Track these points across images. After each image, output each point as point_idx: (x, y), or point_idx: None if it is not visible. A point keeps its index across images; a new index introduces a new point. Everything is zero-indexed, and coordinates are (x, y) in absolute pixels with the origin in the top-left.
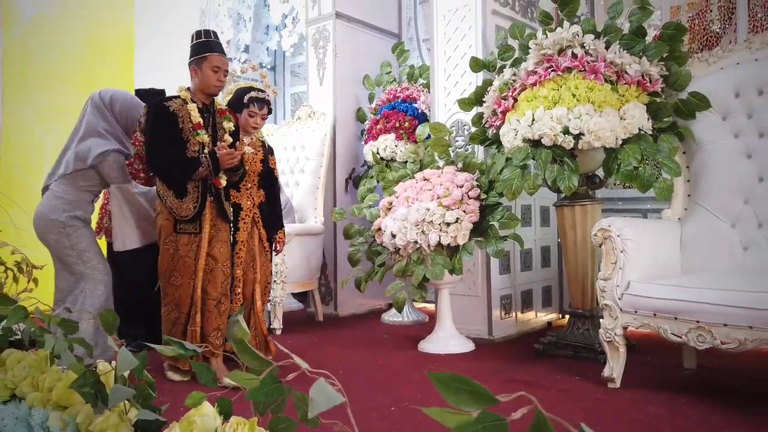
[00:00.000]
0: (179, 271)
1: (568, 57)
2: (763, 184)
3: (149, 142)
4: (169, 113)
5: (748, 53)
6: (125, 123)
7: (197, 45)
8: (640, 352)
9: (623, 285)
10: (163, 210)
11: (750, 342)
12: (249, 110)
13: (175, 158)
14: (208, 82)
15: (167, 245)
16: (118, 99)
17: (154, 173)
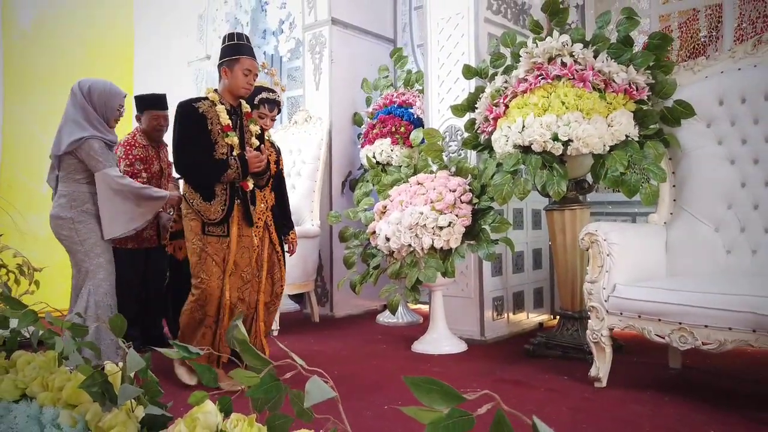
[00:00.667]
0: (206, 272)
1: (558, 65)
2: (745, 189)
3: (177, 144)
4: (198, 115)
5: (732, 62)
6: (104, 112)
7: (229, 47)
8: (628, 352)
9: (609, 287)
10: (190, 211)
11: (729, 343)
12: (260, 111)
13: (203, 160)
14: (237, 84)
15: (194, 245)
16: (96, 88)
17: (182, 175)
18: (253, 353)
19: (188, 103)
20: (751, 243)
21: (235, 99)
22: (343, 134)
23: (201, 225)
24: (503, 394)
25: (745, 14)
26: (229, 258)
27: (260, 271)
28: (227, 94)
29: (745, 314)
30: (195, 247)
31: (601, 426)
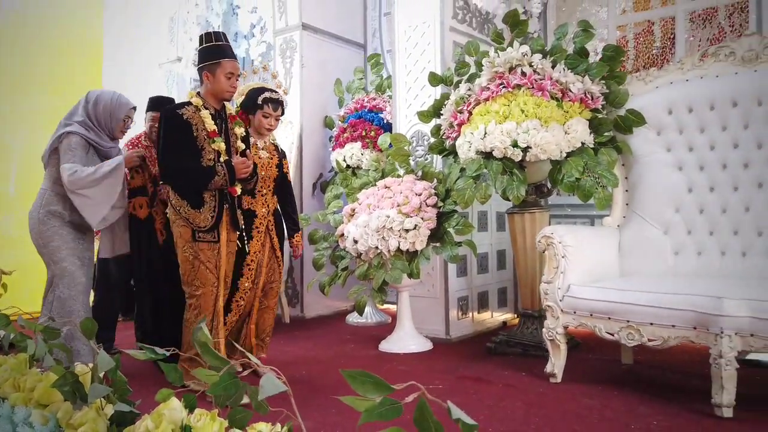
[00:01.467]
0: (200, 279)
1: (518, 75)
2: (691, 194)
3: (163, 151)
4: (183, 121)
5: (680, 74)
6: (108, 122)
7: (210, 49)
8: (584, 349)
9: (564, 288)
10: (178, 218)
11: (673, 339)
12: (263, 111)
13: (190, 168)
14: (221, 88)
15: (186, 253)
16: (103, 99)
17: (167, 183)
18: (212, 354)
19: (172, 109)
20: (697, 245)
21: (219, 102)
22: (314, 137)
23: (191, 232)
24: (464, 389)
25: (696, 27)
26: (221, 264)
27: (258, 277)
28: (211, 97)
29: (687, 312)
30: (187, 254)
31: (552, 419)
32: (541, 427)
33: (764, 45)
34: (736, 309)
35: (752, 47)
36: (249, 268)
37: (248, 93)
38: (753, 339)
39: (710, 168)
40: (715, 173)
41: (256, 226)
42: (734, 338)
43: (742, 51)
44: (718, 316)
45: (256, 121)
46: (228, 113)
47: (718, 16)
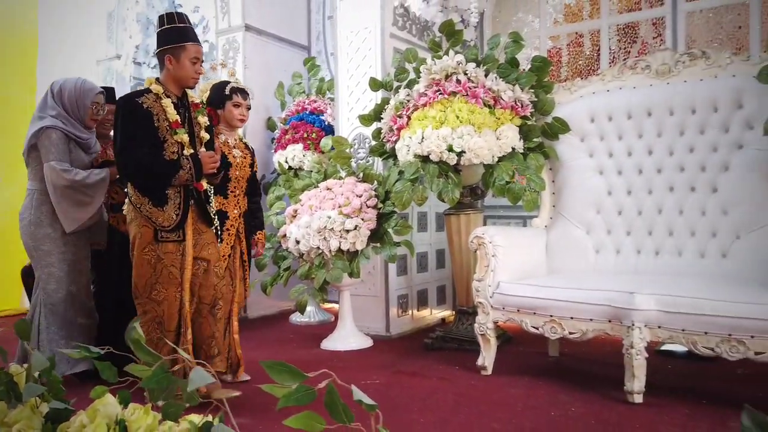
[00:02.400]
0: (163, 284)
1: (454, 82)
2: (611, 197)
3: (120, 144)
4: (143, 111)
5: (602, 84)
6: (75, 111)
7: (171, 31)
8: (516, 343)
9: (494, 285)
10: (137, 216)
11: (590, 332)
12: (233, 101)
13: (151, 162)
14: (186, 75)
15: (147, 255)
16: (67, 87)
17: (127, 179)
18: (145, 350)
19: (130, 97)
20: (615, 244)
21: (180, 89)
22: (257, 138)
23: (153, 232)
24: (399, 383)
25: (622, 40)
26: (186, 265)
27: (233, 279)
28: (172, 84)
29: (603, 307)
30: (148, 257)
31: (479, 408)
32: (468, 415)
33: (676, 60)
34: (645, 303)
35: (665, 61)
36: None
37: (213, 87)
38: (660, 330)
39: (627, 172)
40: (632, 177)
41: (227, 228)
42: (644, 330)
43: (656, 64)
44: (630, 309)
45: (226, 113)
46: (191, 101)
47: (640, 30)
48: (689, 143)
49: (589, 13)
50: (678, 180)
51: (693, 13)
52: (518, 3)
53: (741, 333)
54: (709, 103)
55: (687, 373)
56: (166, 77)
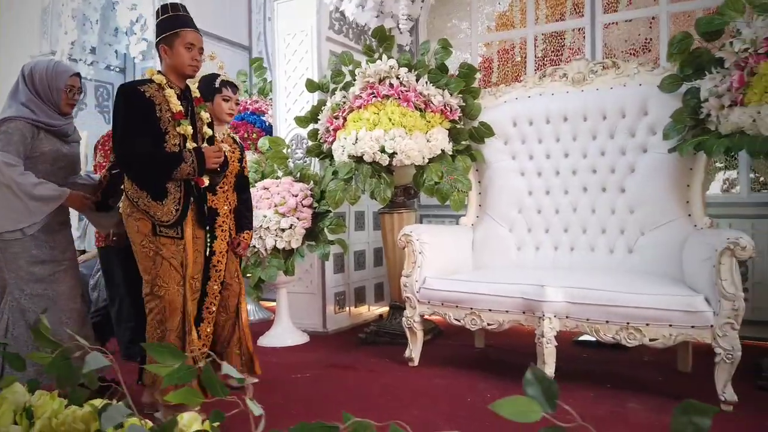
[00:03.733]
0: (163, 277)
1: (387, 86)
2: (531, 197)
3: (120, 134)
4: (146, 100)
5: (524, 90)
6: (48, 95)
7: (165, 20)
8: (446, 336)
9: (421, 280)
10: (134, 210)
11: (507, 323)
12: (222, 95)
13: (152, 153)
14: (182, 62)
15: (145, 249)
16: (38, 70)
17: (125, 171)
18: (46, 339)
19: (132, 86)
20: (535, 241)
21: (182, 80)
22: None
23: (151, 225)
24: (330, 376)
25: (550, 47)
26: (188, 262)
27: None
28: (172, 75)
29: (518, 299)
30: (147, 249)
31: (402, 397)
32: (391, 403)
33: (589, 69)
34: (554, 295)
35: (580, 70)
36: (216, 269)
37: (201, 80)
38: (568, 320)
39: (546, 174)
40: (550, 179)
41: (219, 225)
42: (553, 320)
43: (572, 73)
44: (541, 301)
45: (215, 106)
46: (193, 95)
47: (566, 39)
48: (600, 147)
49: (519, 22)
50: (591, 181)
51: (610, 24)
52: (452, 10)
53: (637, 321)
54: (618, 110)
55: (597, 360)
56: (165, 69)
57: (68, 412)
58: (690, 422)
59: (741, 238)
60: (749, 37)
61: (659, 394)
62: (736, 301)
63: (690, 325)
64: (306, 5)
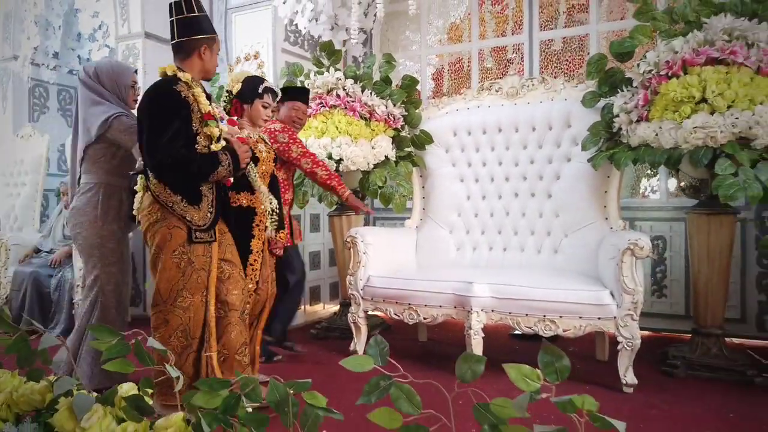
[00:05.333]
0: (189, 289)
1: (334, 96)
2: (469, 201)
3: (152, 135)
4: (181, 100)
5: (464, 102)
6: (117, 91)
7: (205, 20)
8: (392, 331)
9: (365, 279)
10: (167, 216)
11: (440, 317)
12: (263, 101)
13: (189, 156)
14: (213, 66)
15: (176, 258)
16: (102, 69)
17: (160, 174)
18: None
19: (167, 85)
20: (472, 242)
21: (202, 80)
22: None
23: (186, 232)
24: (276, 368)
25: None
26: (212, 267)
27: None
28: (197, 74)
29: (450, 295)
30: (177, 260)
31: (340, 384)
32: (329, 390)
33: (522, 84)
34: (481, 291)
35: (514, 85)
36: (253, 268)
37: (246, 81)
38: (493, 314)
39: (483, 180)
40: (486, 185)
41: (257, 224)
42: (480, 314)
43: (506, 87)
44: (469, 297)
45: (254, 110)
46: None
47: (507, 53)
48: (530, 156)
49: (467, 36)
50: (521, 187)
51: (546, 41)
52: (405, 23)
53: (552, 314)
54: (546, 122)
55: (527, 351)
56: (190, 66)
57: (27, 386)
58: (551, 362)
59: (640, 239)
60: (653, 60)
61: (575, 380)
62: (635, 295)
63: (597, 316)
64: (262, 18)
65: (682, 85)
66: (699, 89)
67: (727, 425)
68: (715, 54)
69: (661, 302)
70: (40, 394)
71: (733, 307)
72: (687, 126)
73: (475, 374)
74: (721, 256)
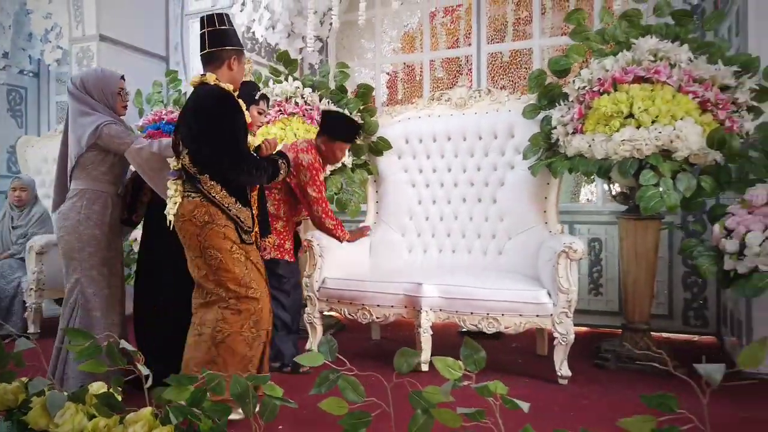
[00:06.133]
0: (256, 280)
1: (293, 104)
2: (420, 206)
3: (235, 140)
4: (241, 109)
5: (416, 111)
6: (105, 100)
7: (233, 34)
8: (349, 330)
9: (320, 281)
10: (216, 218)
11: (392, 316)
12: (259, 107)
13: (261, 162)
14: (239, 78)
15: (236, 254)
16: (89, 78)
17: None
18: None
19: (230, 94)
20: (423, 245)
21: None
22: None
23: (237, 232)
24: None
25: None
26: (260, 265)
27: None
28: (228, 84)
29: (401, 296)
30: (238, 256)
31: (293, 381)
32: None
33: (469, 95)
34: (429, 291)
35: (462, 96)
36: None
37: (242, 87)
38: (441, 312)
39: (433, 186)
40: (436, 190)
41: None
42: (429, 312)
43: (455, 98)
44: (419, 297)
45: (249, 116)
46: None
47: (459, 64)
48: (477, 163)
49: (419, 46)
50: (469, 193)
51: (493, 54)
52: (362, 31)
53: (495, 312)
54: (491, 132)
55: None
56: (220, 76)
57: (0, 387)
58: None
59: (574, 243)
60: (587, 77)
61: (514, 374)
62: (569, 294)
63: (535, 314)
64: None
65: (612, 101)
66: (627, 105)
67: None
68: (642, 73)
69: (598, 300)
70: (13, 394)
71: (661, 304)
72: (616, 139)
73: (410, 366)
74: (647, 257)
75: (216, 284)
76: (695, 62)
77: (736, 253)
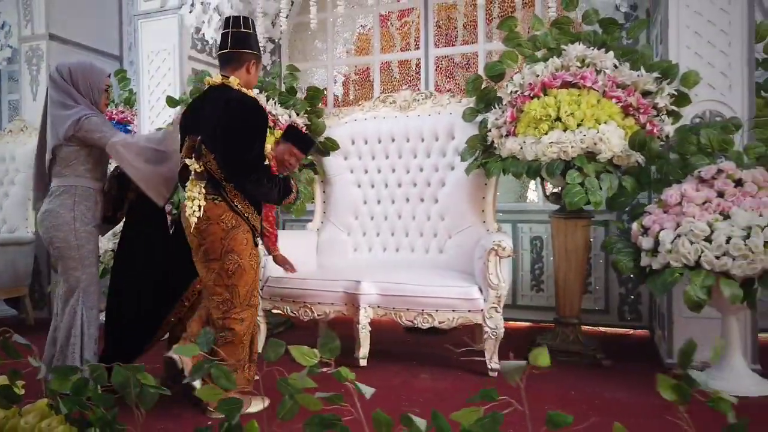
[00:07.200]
0: (257, 288)
1: None
2: (366, 205)
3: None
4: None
5: (362, 113)
6: (91, 94)
7: (255, 40)
8: (296, 329)
9: (265, 279)
10: (240, 222)
11: (332, 313)
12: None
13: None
14: (254, 82)
15: (252, 261)
16: (78, 70)
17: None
18: None
19: (256, 99)
20: (368, 243)
21: None
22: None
23: (252, 238)
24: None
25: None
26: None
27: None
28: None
29: (341, 293)
30: (252, 263)
31: None
32: None
33: (413, 98)
34: (368, 288)
35: (406, 99)
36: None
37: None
38: (379, 309)
39: (378, 186)
40: (381, 190)
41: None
42: (368, 309)
43: (400, 100)
44: (358, 294)
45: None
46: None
47: (410, 66)
48: (419, 164)
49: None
50: (412, 192)
51: (440, 57)
52: (315, 33)
53: (429, 308)
54: (432, 133)
55: (415, 343)
56: (238, 77)
57: None
58: (326, 343)
59: (503, 241)
60: (519, 82)
61: (449, 367)
62: (499, 290)
63: (467, 309)
64: (168, 25)
65: (541, 105)
66: (555, 109)
67: (564, 401)
68: (569, 78)
69: (539, 296)
70: None
71: (598, 299)
72: (545, 141)
73: (277, 355)
74: (577, 254)
75: (226, 288)
76: (619, 68)
77: (651, 250)
